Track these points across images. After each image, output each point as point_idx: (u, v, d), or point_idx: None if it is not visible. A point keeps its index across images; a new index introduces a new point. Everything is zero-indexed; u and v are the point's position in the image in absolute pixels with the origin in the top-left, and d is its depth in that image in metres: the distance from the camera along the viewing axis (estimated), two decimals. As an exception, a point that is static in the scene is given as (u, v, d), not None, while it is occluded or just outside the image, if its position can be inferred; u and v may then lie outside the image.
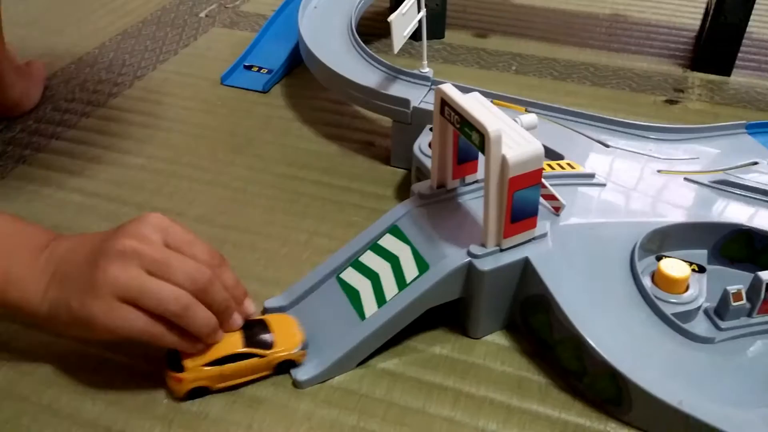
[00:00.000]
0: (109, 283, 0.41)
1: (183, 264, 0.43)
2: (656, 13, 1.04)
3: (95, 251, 0.43)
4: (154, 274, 0.43)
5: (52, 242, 0.46)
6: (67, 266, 0.44)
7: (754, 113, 0.80)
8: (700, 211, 0.55)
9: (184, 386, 0.46)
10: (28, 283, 0.44)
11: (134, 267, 0.42)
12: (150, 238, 0.44)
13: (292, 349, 0.47)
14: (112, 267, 0.42)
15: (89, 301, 0.42)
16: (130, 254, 0.42)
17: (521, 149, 0.44)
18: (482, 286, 0.48)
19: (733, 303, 0.49)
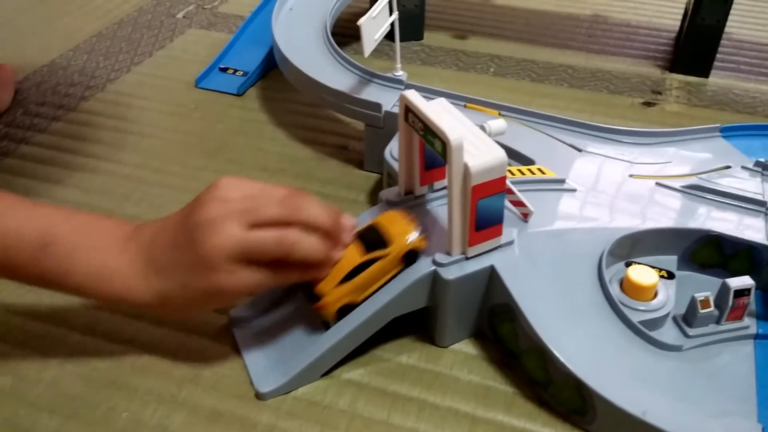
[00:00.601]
0: (216, 253, 0.42)
1: (269, 204, 0.44)
2: (637, 14, 1.04)
3: (184, 230, 0.44)
4: (249, 224, 0.43)
5: (134, 232, 0.46)
6: (158, 252, 0.45)
7: (731, 115, 0.80)
8: (671, 217, 0.55)
9: (329, 310, 0.47)
10: (126, 275, 0.45)
11: (229, 228, 0.42)
12: (228, 196, 0.44)
13: (408, 238, 0.47)
14: (211, 237, 0.42)
15: (207, 275, 0.43)
16: (219, 219, 0.43)
17: (484, 157, 0.43)
18: (448, 295, 0.48)
19: (701, 310, 0.48)
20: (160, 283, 0.45)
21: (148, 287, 0.45)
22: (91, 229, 0.46)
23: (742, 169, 0.60)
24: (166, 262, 0.44)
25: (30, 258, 0.44)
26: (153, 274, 0.45)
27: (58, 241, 0.44)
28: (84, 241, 0.45)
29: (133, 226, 0.47)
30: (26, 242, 0.43)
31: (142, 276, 0.45)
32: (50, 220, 0.45)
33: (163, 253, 0.45)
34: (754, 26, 1.00)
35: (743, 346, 0.49)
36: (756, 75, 0.88)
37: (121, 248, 0.45)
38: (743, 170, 0.60)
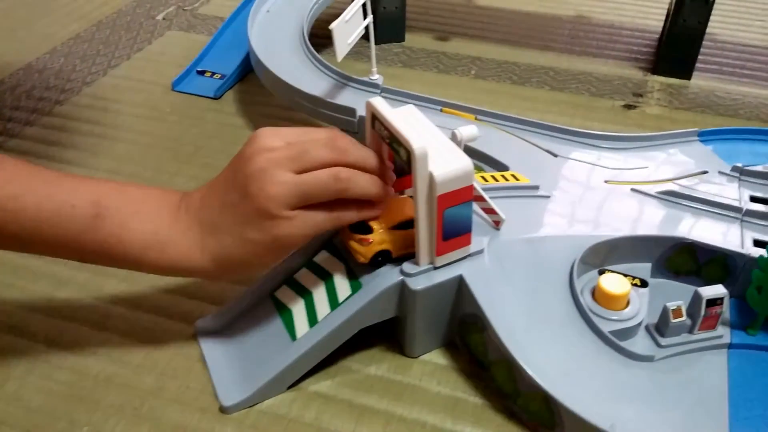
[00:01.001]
0: (271, 202, 0.42)
1: (315, 145, 0.43)
2: (620, 15, 1.03)
3: (235, 187, 0.43)
4: (299, 169, 0.43)
5: (183, 199, 0.46)
6: (210, 214, 0.45)
7: (712, 118, 0.79)
8: (645, 223, 0.54)
9: (372, 248, 0.46)
10: (180, 241, 0.45)
11: (281, 176, 0.42)
12: (272, 145, 0.43)
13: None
14: (264, 187, 0.42)
15: (266, 226, 0.43)
16: (268, 168, 0.42)
17: (450, 166, 0.43)
18: (416, 305, 0.47)
19: (673, 320, 0.48)
20: (217, 244, 0.44)
21: (204, 250, 0.45)
22: (141, 199, 0.46)
23: (720, 174, 0.60)
24: (221, 222, 0.44)
25: (84, 229, 0.43)
26: (209, 236, 0.44)
27: (110, 212, 0.44)
28: (135, 211, 0.45)
29: (180, 194, 0.47)
30: (79, 213, 0.43)
31: (198, 240, 0.45)
32: (99, 191, 0.44)
33: (216, 213, 0.44)
34: (737, 27, 1.00)
35: (716, 356, 0.49)
36: (738, 77, 0.88)
37: (173, 216, 0.45)
38: (720, 175, 0.60)
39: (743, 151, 0.64)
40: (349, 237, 0.48)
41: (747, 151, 0.64)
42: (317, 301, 0.48)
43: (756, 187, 0.58)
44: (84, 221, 0.43)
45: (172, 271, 0.46)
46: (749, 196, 0.57)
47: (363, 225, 0.47)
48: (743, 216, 0.55)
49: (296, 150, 0.43)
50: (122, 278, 0.56)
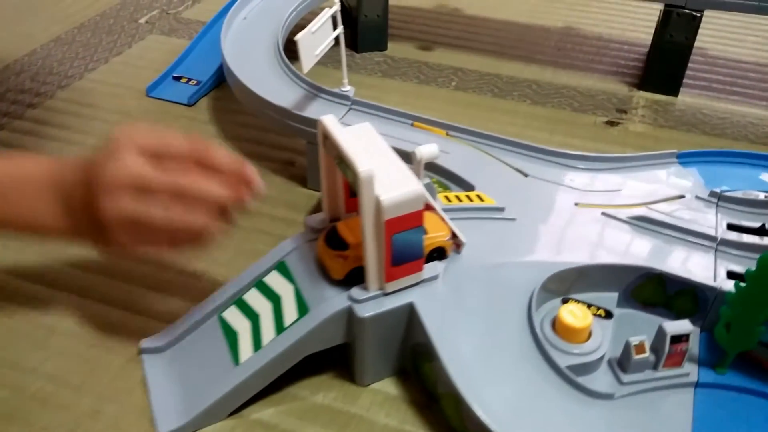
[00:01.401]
0: (110, 178, 0.42)
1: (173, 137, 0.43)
2: (610, 28, 1.01)
3: (90, 190, 0.43)
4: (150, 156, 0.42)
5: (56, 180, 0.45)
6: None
7: (697, 137, 0.77)
8: (613, 250, 0.52)
9: (347, 265, 0.45)
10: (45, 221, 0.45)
11: (124, 200, 0.42)
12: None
13: (443, 237, 0.47)
14: (109, 164, 0.42)
15: (96, 199, 0.42)
16: (115, 191, 0.42)
17: (398, 190, 0.41)
18: (364, 333, 0.45)
19: (635, 356, 0.45)
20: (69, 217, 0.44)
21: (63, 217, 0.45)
22: (9, 181, 0.45)
23: (697, 199, 0.58)
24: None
25: None
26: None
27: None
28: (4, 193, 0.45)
29: (53, 172, 0.45)
30: None
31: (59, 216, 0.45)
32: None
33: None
34: (729, 42, 0.97)
35: (682, 395, 0.46)
36: (728, 94, 0.85)
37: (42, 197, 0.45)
38: (698, 200, 0.57)
39: (725, 174, 0.62)
40: (324, 251, 0.46)
41: (729, 174, 0.61)
42: (263, 325, 0.47)
43: (734, 214, 0.56)
44: None
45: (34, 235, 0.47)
46: (726, 224, 0.55)
47: (339, 240, 0.45)
48: (718, 245, 0.53)
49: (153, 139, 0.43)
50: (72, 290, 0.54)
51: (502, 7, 1.06)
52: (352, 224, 0.47)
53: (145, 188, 0.41)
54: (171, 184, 0.42)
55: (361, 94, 0.67)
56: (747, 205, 0.56)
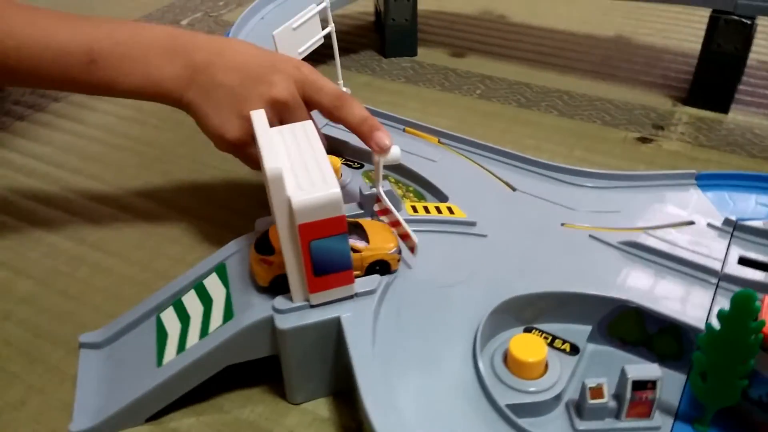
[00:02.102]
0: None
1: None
2: (665, 38, 0.92)
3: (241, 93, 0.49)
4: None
5: (184, 49, 0.50)
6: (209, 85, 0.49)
7: (741, 159, 0.68)
8: (593, 278, 0.46)
9: (271, 271, 0.43)
10: (166, 82, 0.50)
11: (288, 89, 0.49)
12: (289, 96, 0.48)
13: (386, 250, 0.44)
14: (252, 107, 0.46)
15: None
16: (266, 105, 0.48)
17: (314, 193, 0.37)
18: (286, 346, 0.41)
19: (591, 400, 0.39)
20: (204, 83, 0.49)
21: (189, 87, 0.50)
22: (131, 43, 0.50)
23: (708, 227, 0.50)
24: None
25: (80, 72, 0.49)
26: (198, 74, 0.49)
27: (103, 57, 0.49)
28: (125, 55, 0.49)
29: (181, 41, 0.50)
30: (74, 58, 0.49)
31: (184, 79, 0.50)
32: (93, 36, 0.49)
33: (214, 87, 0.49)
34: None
35: (648, 451, 0.40)
36: (790, 114, 0.75)
37: (162, 58, 0.50)
38: (709, 228, 0.50)
39: (750, 201, 0.53)
40: (252, 256, 0.44)
41: (753, 201, 0.53)
42: (192, 328, 0.44)
43: (750, 247, 0.48)
44: (79, 67, 0.49)
45: (157, 99, 0.52)
46: (738, 257, 0.47)
47: (267, 245, 0.43)
48: (720, 281, 0.45)
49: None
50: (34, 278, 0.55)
51: (550, 15, 0.99)
52: None
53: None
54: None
55: (378, 99, 0.64)
56: (767, 237, 0.48)
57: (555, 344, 0.44)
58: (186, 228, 0.60)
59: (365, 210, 0.49)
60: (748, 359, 0.36)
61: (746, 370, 0.36)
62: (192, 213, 0.62)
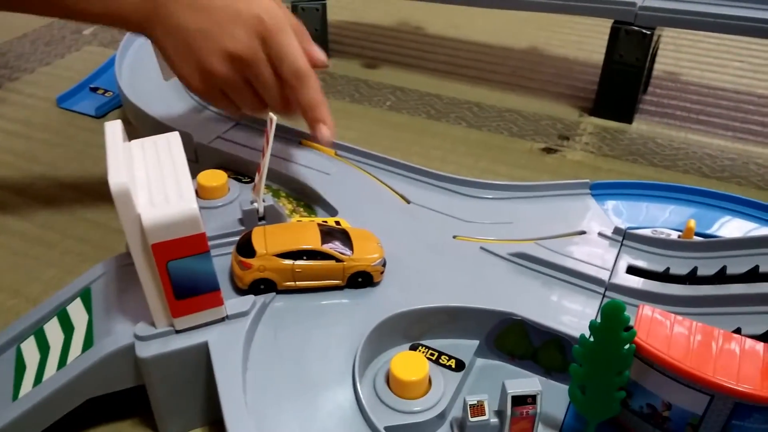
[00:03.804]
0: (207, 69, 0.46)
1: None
2: (579, 49, 0.93)
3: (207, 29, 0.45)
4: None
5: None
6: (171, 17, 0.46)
7: (642, 168, 0.69)
8: (481, 290, 0.44)
9: (250, 274, 0.42)
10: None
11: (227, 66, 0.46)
12: (247, 53, 0.45)
13: (370, 261, 0.43)
14: (210, 62, 0.46)
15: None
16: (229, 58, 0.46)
17: (167, 210, 0.34)
18: (150, 376, 0.38)
19: (472, 418, 0.38)
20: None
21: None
22: None
23: (600, 236, 0.50)
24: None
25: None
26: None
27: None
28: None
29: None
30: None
31: (144, 15, 0.46)
32: None
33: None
34: (709, 67, 0.89)
35: (532, 469, 0.38)
36: (691, 122, 0.77)
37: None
38: (600, 238, 0.49)
39: (643, 209, 0.53)
40: (233, 256, 0.43)
41: (647, 210, 0.53)
42: (50, 358, 0.41)
43: (639, 255, 0.48)
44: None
45: (121, 27, 0.49)
46: (627, 266, 0.47)
47: (248, 247, 0.42)
48: (607, 290, 0.45)
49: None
50: None
51: (466, 27, 1.00)
52: (273, 231, 0.44)
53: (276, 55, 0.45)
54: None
55: None
56: (654, 246, 0.48)
57: (441, 360, 0.42)
58: (66, 250, 0.57)
59: (246, 226, 0.46)
60: (622, 370, 0.35)
61: (622, 381, 0.36)
62: (73, 234, 0.58)
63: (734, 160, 0.70)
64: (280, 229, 0.44)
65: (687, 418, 0.36)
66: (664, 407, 0.36)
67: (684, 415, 0.36)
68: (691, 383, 0.34)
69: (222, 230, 0.46)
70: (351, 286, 0.44)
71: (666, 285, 0.45)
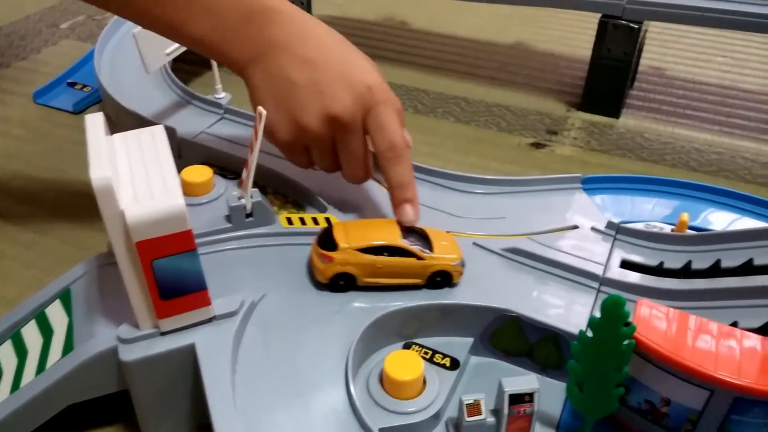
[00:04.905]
0: (301, 126, 0.45)
1: None
2: (563, 44, 0.93)
3: (307, 92, 0.44)
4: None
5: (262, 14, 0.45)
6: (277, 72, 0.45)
7: (630, 162, 0.68)
8: (476, 287, 0.43)
9: (332, 268, 0.42)
10: (232, 51, 0.46)
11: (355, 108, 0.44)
12: (349, 118, 0.44)
13: (450, 261, 0.43)
14: (308, 118, 0.44)
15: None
16: (326, 123, 0.44)
17: (152, 206, 0.33)
18: (134, 381, 0.37)
19: (468, 418, 0.37)
20: (269, 66, 0.45)
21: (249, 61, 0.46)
22: None
23: (592, 231, 0.49)
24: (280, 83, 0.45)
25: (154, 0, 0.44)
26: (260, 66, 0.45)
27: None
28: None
29: (261, 3, 0.45)
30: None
31: (249, 57, 0.45)
32: None
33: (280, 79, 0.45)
34: (694, 62, 0.89)
35: (529, 469, 0.37)
36: (678, 117, 0.76)
37: (237, 19, 0.45)
38: (593, 232, 0.49)
39: (635, 203, 0.53)
40: (313, 249, 0.43)
41: (636, 204, 0.53)
42: (28, 363, 0.39)
43: (632, 249, 0.47)
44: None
45: (218, 60, 0.48)
46: (621, 260, 0.47)
47: (330, 240, 0.42)
48: (601, 285, 0.44)
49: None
50: None
51: (451, 22, 0.99)
52: (354, 226, 0.44)
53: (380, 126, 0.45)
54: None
55: None
56: (647, 239, 0.48)
57: (435, 359, 0.41)
58: (44, 250, 0.55)
59: (233, 223, 0.45)
60: (621, 366, 0.35)
61: (621, 377, 0.35)
62: (52, 233, 0.56)
63: (721, 154, 0.70)
64: (360, 225, 0.44)
65: (686, 413, 0.35)
66: (662, 403, 0.36)
67: (683, 410, 0.35)
68: (690, 378, 0.34)
69: (208, 227, 0.45)
70: (429, 286, 0.43)
71: (660, 279, 0.44)
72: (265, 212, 0.45)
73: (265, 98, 0.45)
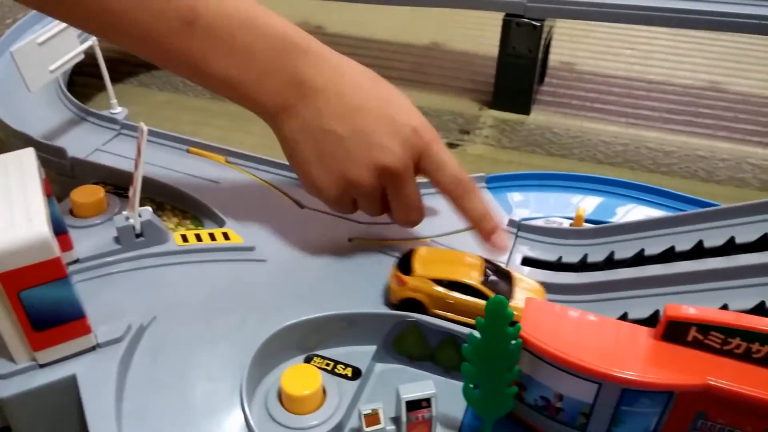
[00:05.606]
0: (348, 180, 0.42)
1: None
2: (480, 44, 0.94)
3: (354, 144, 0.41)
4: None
5: (296, 55, 0.42)
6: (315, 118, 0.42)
7: (540, 158, 0.70)
8: (377, 293, 0.43)
9: (402, 291, 0.41)
10: (260, 94, 0.42)
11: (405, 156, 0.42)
12: (402, 167, 0.42)
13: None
14: (358, 172, 0.42)
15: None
16: (376, 173, 0.42)
17: (10, 235, 0.31)
18: (13, 417, 0.35)
19: (366, 428, 0.36)
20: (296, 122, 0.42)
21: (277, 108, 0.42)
22: (243, 21, 0.41)
23: (495, 229, 0.49)
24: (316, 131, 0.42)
25: (174, 34, 0.40)
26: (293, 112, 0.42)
27: (202, 24, 0.40)
28: (229, 33, 0.41)
29: (294, 40, 0.43)
30: (174, 13, 0.40)
31: (283, 104, 0.42)
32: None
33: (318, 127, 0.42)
34: (602, 56, 0.91)
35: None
36: (586, 111, 0.79)
37: (270, 59, 0.41)
38: (496, 230, 0.49)
39: (539, 200, 0.54)
40: (392, 269, 0.43)
41: (538, 200, 0.54)
42: None
43: (533, 246, 0.48)
44: (176, 26, 0.40)
45: (243, 104, 0.44)
46: (522, 257, 0.47)
47: (407, 264, 0.42)
48: (498, 284, 0.44)
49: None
50: None
51: (367, 25, 0.99)
52: (437, 254, 0.43)
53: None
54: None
55: (182, 118, 0.58)
56: (547, 235, 0.48)
57: (337, 370, 0.41)
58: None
59: (122, 245, 0.43)
60: (512, 366, 0.35)
61: (513, 376, 0.35)
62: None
63: (627, 145, 0.72)
64: (444, 254, 0.43)
65: (578, 407, 0.36)
66: (556, 398, 0.36)
67: (575, 404, 0.36)
68: (578, 373, 0.34)
69: (96, 250, 0.43)
70: None
71: (558, 274, 0.45)
72: (157, 231, 0.44)
73: (304, 151, 0.42)
